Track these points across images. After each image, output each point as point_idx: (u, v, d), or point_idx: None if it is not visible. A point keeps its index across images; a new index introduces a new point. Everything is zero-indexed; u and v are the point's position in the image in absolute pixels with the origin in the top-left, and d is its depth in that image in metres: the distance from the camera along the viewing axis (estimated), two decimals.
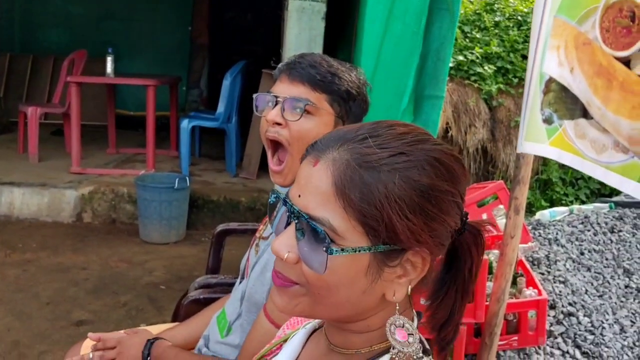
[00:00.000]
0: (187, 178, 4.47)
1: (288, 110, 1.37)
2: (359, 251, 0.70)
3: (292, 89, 1.38)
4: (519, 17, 6.38)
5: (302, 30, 4.50)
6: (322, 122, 1.38)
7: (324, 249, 0.70)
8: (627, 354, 2.68)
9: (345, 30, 4.81)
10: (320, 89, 1.36)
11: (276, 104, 1.38)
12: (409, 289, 0.75)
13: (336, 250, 0.70)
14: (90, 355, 1.49)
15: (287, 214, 0.75)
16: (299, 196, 0.74)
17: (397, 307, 0.75)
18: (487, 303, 2.26)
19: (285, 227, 0.76)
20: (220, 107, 5.19)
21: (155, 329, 1.74)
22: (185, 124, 5.03)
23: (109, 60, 5.01)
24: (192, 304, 1.88)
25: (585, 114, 1.60)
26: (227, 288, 1.87)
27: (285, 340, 0.93)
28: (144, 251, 4.22)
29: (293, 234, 0.73)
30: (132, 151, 5.94)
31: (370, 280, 0.72)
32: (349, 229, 0.70)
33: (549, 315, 2.77)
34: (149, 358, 1.47)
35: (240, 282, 1.59)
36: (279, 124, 1.38)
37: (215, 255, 2.41)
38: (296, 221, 0.73)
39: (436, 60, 3.47)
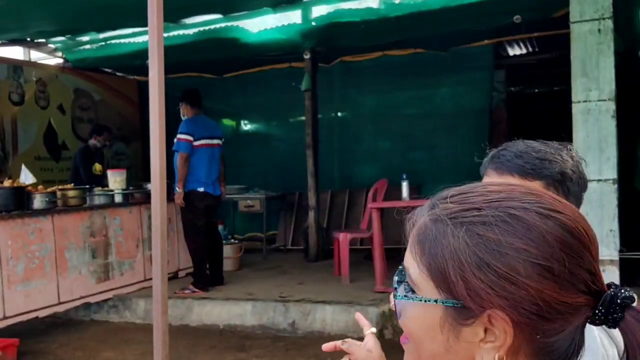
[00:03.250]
0: None
1: None
2: (425, 301, 0.71)
3: (501, 181, 1.39)
4: None
5: (590, 132, 4.28)
6: None
7: (397, 295, 0.75)
8: None
9: None
10: (532, 177, 1.34)
11: None
12: (496, 357, 0.68)
13: (403, 296, 0.73)
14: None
15: None
16: None
17: None
18: None
19: None
20: None
21: None
22: None
23: (404, 185, 5.43)
24: None
25: None
26: None
27: None
28: None
29: None
30: None
31: (447, 336, 0.70)
32: (422, 280, 0.71)
33: None
34: None
35: None
36: None
37: None
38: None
39: None
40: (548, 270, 0.66)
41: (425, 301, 0.71)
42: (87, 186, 5.93)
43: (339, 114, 8.86)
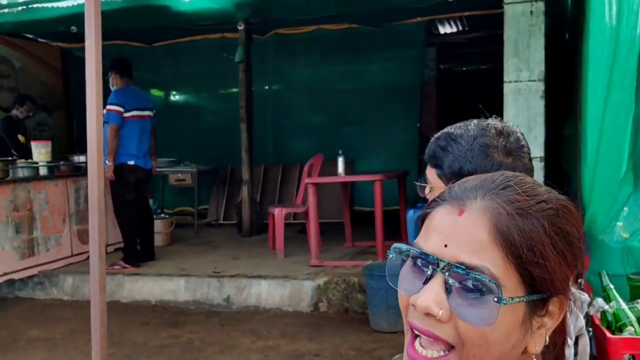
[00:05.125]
0: None
1: None
2: (523, 300, 0.68)
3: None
4: None
5: (520, 111, 4.41)
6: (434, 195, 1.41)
7: (495, 299, 0.66)
8: None
9: (571, 104, 4.61)
10: (431, 165, 1.40)
11: None
12: (546, 339, 0.72)
13: (506, 300, 0.66)
14: None
15: (429, 267, 0.71)
16: (445, 246, 0.70)
17: None
18: None
19: (426, 283, 0.71)
20: None
21: None
22: (411, 215, 5.16)
23: (340, 161, 5.47)
24: None
25: None
26: None
27: None
28: (372, 340, 4.31)
29: (440, 288, 0.69)
30: (366, 244, 6.23)
31: (523, 332, 0.70)
32: (508, 277, 0.68)
33: None
34: None
35: None
36: None
37: None
38: (446, 274, 0.69)
39: None
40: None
41: (523, 300, 0.68)
42: (10, 158, 5.64)
43: (273, 87, 8.79)
